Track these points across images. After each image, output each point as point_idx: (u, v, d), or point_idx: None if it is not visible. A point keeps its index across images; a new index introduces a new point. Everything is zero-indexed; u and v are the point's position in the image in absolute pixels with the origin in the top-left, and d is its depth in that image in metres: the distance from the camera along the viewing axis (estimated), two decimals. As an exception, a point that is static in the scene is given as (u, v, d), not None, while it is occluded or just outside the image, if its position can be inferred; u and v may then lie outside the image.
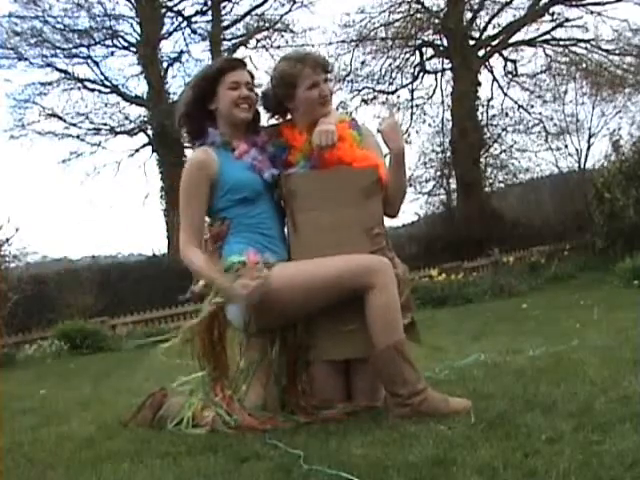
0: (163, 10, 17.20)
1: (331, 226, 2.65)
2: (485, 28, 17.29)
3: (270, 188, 2.71)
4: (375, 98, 17.48)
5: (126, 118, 17.28)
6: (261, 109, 2.86)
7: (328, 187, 2.69)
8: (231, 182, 2.66)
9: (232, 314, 2.62)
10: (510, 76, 17.47)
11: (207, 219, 2.79)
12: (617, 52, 16.26)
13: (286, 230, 2.77)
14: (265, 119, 2.92)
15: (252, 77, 2.82)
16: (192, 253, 2.63)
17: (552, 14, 16.58)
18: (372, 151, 2.80)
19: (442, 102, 17.56)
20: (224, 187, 2.66)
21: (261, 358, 2.66)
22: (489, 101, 17.40)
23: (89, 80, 17.11)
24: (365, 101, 17.26)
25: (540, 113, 16.82)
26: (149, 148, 17.17)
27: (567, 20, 16.53)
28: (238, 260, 2.58)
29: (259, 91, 2.86)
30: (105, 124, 17.20)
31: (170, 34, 17.54)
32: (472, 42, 17.14)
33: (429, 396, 2.46)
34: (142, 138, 17.38)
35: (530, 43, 17.05)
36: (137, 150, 17.37)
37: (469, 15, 17.17)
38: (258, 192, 2.69)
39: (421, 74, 17.74)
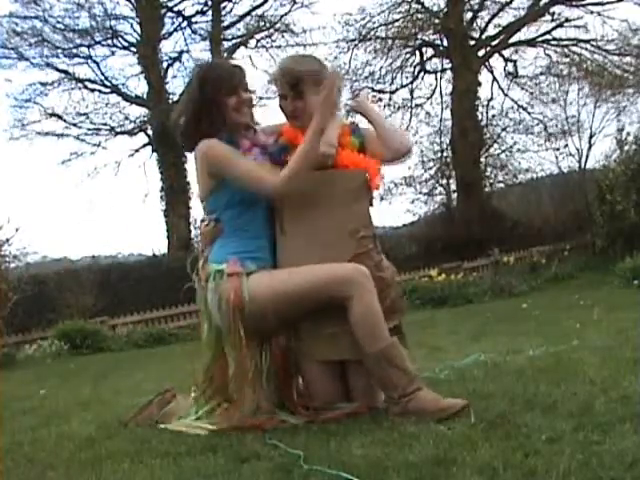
0: (163, 10, 17.21)
1: (317, 228, 2.64)
2: (485, 28, 17.32)
3: None
4: (380, 100, 17.50)
5: (126, 118, 17.33)
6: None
7: (316, 187, 2.68)
8: None
9: (221, 320, 2.62)
10: (510, 77, 17.49)
11: (202, 215, 2.80)
12: (617, 52, 16.26)
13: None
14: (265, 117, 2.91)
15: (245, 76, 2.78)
16: (286, 174, 2.57)
17: (552, 14, 16.60)
18: (376, 147, 2.79)
19: (442, 102, 17.58)
20: (230, 184, 2.63)
21: (251, 363, 2.64)
22: (489, 101, 17.44)
23: (89, 80, 17.14)
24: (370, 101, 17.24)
25: (541, 113, 16.86)
26: (149, 148, 17.18)
27: (567, 20, 16.55)
28: (217, 269, 2.60)
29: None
30: (105, 124, 17.24)
31: (170, 34, 17.57)
32: (472, 42, 17.15)
33: (417, 395, 2.46)
34: (142, 138, 17.42)
35: (530, 43, 17.07)
36: (137, 150, 17.40)
37: (469, 15, 17.20)
38: (256, 196, 2.67)
39: (421, 74, 17.77)
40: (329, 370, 2.67)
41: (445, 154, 17.42)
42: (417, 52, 17.60)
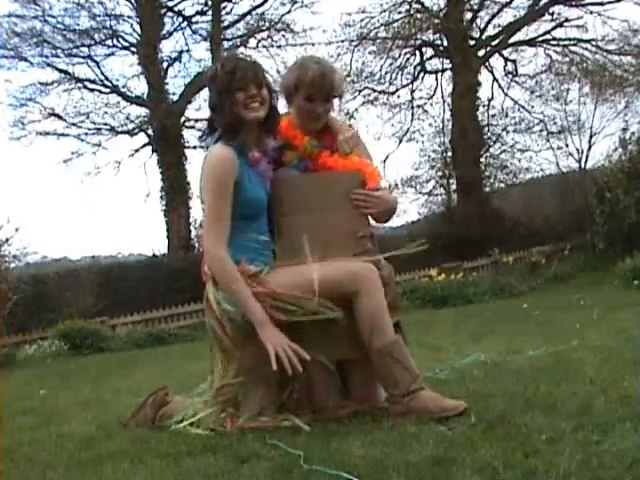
0: (163, 10, 17.21)
1: (316, 229, 2.66)
2: (485, 28, 17.33)
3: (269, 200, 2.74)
4: (377, 99, 17.51)
5: (127, 118, 17.32)
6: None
7: (313, 191, 2.73)
8: (244, 195, 2.64)
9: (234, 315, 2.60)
10: (510, 76, 17.50)
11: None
12: (617, 52, 16.26)
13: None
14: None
15: (262, 72, 2.77)
16: (231, 266, 2.55)
17: (552, 14, 16.61)
18: (363, 157, 2.88)
19: (444, 102, 17.58)
20: (239, 196, 2.63)
21: (256, 364, 2.63)
22: (489, 101, 17.43)
23: (89, 80, 17.14)
24: (370, 102, 17.29)
25: (541, 112, 16.84)
26: (149, 148, 17.19)
27: (567, 20, 16.55)
28: None
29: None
30: (106, 124, 17.25)
31: (170, 34, 17.56)
32: (472, 42, 17.15)
33: (419, 394, 2.47)
34: (142, 138, 17.42)
35: (530, 43, 17.07)
36: (137, 150, 17.40)
37: (469, 15, 17.20)
38: (262, 209, 2.70)
39: (421, 74, 17.76)
40: (330, 369, 2.67)
41: (446, 154, 17.41)
42: (417, 52, 17.61)
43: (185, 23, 17.64)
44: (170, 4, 17.40)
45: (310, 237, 2.65)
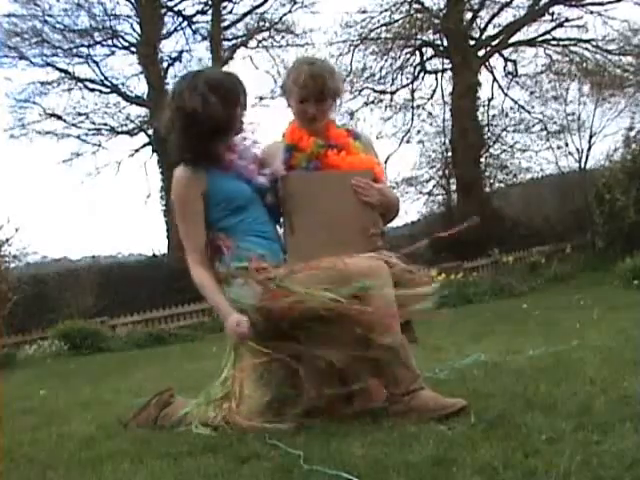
0: (163, 10, 17.22)
1: (327, 227, 2.67)
2: (485, 28, 17.34)
3: (259, 193, 2.76)
4: (381, 100, 17.51)
5: (127, 118, 17.33)
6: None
7: (325, 188, 2.73)
8: (223, 194, 2.69)
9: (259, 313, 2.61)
10: (510, 76, 17.51)
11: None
12: (617, 52, 16.26)
13: (281, 231, 2.79)
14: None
15: None
16: (200, 274, 2.67)
17: (552, 14, 16.61)
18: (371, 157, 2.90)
19: (443, 102, 17.58)
20: (217, 199, 2.68)
21: (258, 362, 2.64)
22: (489, 101, 17.43)
23: (89, 80, 17.15)
24: (372, 102, 17.29)
25: (541, 112, 16.84)
26: (149, 148, 17.19)
27: (567, 20, 16.56)
28: (240, 266, 2.61)
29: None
30: (106, 124, 17.26)
31: (170, 34, 17.58)
32: (472, 42, 17.15)
33: (419, 394, 2.48)
34: (142, 138, 17.43)
35: (530, 43, 17.08)
36: (137, 150, 17.41)
37: (469, 15, 17.21)
38: (250, 199, 2.72)
39: (421, 74, 17.77)
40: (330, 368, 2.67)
41: (446, 154, 17.40)
42: (417, 52, 17.61)
43: (185, 23, 17.67)
44: (170, 4, 17.42)
45: (321, 235, 2.67)
